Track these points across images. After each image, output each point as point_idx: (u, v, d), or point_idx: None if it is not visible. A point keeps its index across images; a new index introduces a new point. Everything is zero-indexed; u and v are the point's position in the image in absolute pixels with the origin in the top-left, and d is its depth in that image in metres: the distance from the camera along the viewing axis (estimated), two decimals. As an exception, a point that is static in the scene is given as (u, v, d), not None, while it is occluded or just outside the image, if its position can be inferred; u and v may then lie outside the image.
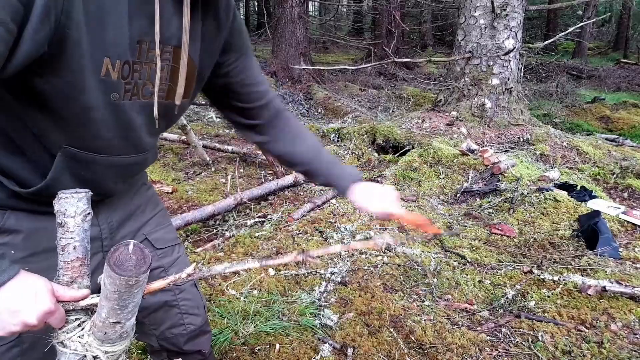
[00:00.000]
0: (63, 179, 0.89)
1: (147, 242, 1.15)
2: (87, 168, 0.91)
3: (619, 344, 1.93)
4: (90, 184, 0.93)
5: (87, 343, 0.76)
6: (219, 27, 1.00)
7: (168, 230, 1.24)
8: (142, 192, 1.18)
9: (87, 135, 0.86)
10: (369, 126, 5.09)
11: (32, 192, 0.87)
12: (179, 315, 1.23)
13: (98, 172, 0.93)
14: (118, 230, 1.08)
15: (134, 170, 1.05)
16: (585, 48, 14.14)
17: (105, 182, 0.97)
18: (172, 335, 1.24)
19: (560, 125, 6.46)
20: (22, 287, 0.73)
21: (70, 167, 0.88)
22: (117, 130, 0.89)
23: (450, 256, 2.71)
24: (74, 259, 0.76)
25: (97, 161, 0.91)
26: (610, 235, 2.77)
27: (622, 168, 3.89)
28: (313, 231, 2.98)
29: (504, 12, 4.91)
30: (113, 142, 0.90)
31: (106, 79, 0.80)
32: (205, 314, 1.32)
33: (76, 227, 0.75)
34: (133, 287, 0.71)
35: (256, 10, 23.08)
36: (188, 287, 1.26)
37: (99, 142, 0.88)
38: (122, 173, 0.99)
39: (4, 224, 0.88)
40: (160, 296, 1.18)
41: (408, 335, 2.01)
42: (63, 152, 0.86)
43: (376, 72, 10.18)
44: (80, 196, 0.75)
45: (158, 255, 1.18)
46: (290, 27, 8.53)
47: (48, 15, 0.68)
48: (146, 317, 1.20)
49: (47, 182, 0.87)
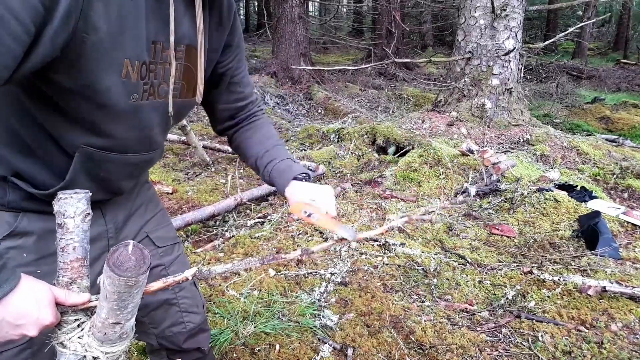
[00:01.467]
0: (79, 179, 0.90)
1: (149, 240, 1.16)
2: (103, 167, 0.92)
3: (619, 344, 1.93)
4: (103, 183, 0.95)
5: (87, 344, 0.76)
6: (222, 26, 1.03)
7: (168, 229, 1.25)
8: (144, 191, 1.19)
9: (106, 134, 0.87)
10: (369, 126, 5.09)
11: (50, 193, 0.87)
12: (178, 314, 1.24)
13: (112, 171, 0.95)
14: (122, 229, 1.09)
15: (145, 168, 1.08)
16: (585, 48, 14.14)
17: (117, 180, 0.99)
18: (172, 334, 1.25)
19: (560, 126, 6.46)
20: (24, 299, 0.72)
21: (87, 167, 0.90)
22: (134, 130, 0.91)
23: (450, 256, 2.71)
24: (74, 259, 0.76)
25: (112, 160, 0.92)
26: (610, 236, 2.77)
27: (622, 168, 3.89)
28: (313, 231, 2.98)
29: (504, 12, 4.91)
30: (130, 141, 0.92)
31: (127, 80, 0.82)
32: (204, 312, 1.33)
33: (75, 227, 0.75)
34: (132, 288, 0.71)
35: (256, 10, 23.08)
36: (188, 286, 1.27)
37: (117, 141, 0.90)
38: (133, 170, 1.02)
39: (17, 227, 0.88)
40: (161, 295, 1.19)
41: (408, 336, 2.01)
42: (80, 152, 0.87)
43: (376, 73, 10.18)
44: (79, 197, 0.75)
45: (159, 253, 1.19)
46: (290, 27, 8.53)
47: (69, 19, 0.68)
48: (146, 315, 1.20)
49: (66, 183, 0.88)
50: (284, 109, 7.41)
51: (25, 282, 0.73)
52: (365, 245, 2.80)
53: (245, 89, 1.19)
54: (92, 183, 0.93)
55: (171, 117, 0.96)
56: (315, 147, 5.13)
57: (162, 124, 0.98)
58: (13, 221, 0.88)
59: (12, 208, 0.88)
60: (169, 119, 0.98)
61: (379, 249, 2.76)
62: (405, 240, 2.87)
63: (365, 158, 4.69)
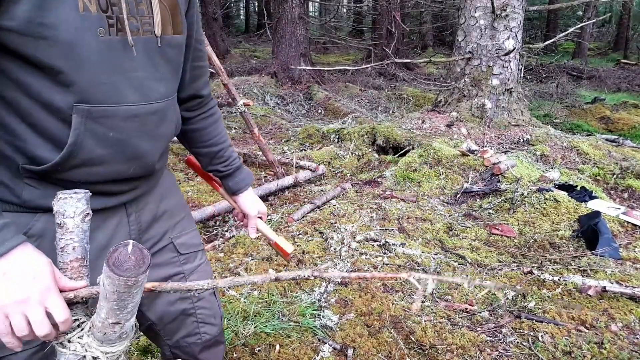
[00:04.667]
0: (87, 144, 0.85)
1: (172, 247, 1.14)
2: (108, 125, 0.86)
3: (619, 344, 1.93)
4: (119, 147, 0.89)
5: (87, 343, 0.76)
6: None
7: (193, 235, 1.21)
8: (171, 194, 1.16)
9: (89, 83, 0.82)
10: (369, 127, 5.09)
11: (56, 163, 0.83)
12: (194, 324, 1.21)
13: (121, 129, 0.88)
14: (146, 231, 1.07)
15: (157, 124, 0.97)
16: (586, 48, 14.13)
17: (134, 141, 0.92)
18: (187, 344, 1.22)
19: (560, 126, 6.45)
20: (24, 260, 0.73)
21: (91, 129, 0.85)
22: (116, 72, 0.85)
23: (450, 257, 2.70)
24: (73, 259, 0.76)
25: (114, 114, 0.87)
26: (610, 236, 2.77)
27: (622, 168, 3.89)
28: (313, 232, 2.98)
29: (504, 12, 4.91)
30: (119, 86, 0.86)
31: (86, 13, 0.78)
32: (221, 324, 1.29)
33: (75, 227, 0.75)
34: (132, 288, 0.70)
35: (256, 10, 23.08)
36: (207, 296, 1.23)
37: (105, 88, 0.84)
38: (145, 127, 0.93)
39: (31, 229, 0.87)
40: (179, 305, 1.17)
41: (408, 336, 2.01)
42: (77, 112, 0.82)
43: (376, 73, 10.18)
44: (79, 196, 0.75)
45: (181, 260, 1.16)
46: (290, 27, 8.53)
47: None
48: (162, 329, 1.18)
49: (70, 149, 0.84)
50: (284, 109, 7.41)
51: (28, 247, 0.74)
52: (365, 246, 2.80)
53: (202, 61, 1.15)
54: (104, 148, 0.87)
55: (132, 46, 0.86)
56: (315, 147, 5.13)
57: (148, 67, 0.91)
58: (28, 222, 0.86)
59: (29, 208, 0.87)
60: (157, 62, 0.92)
61: (379, 249, 2.76)
62: (405, 240, 2.87)
63: (365, 158, 4.69)
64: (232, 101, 3.78)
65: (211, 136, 1.23)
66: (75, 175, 0.88)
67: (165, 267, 1.13)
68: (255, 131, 3.83)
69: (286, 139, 5.56)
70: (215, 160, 1.26)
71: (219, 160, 1.26)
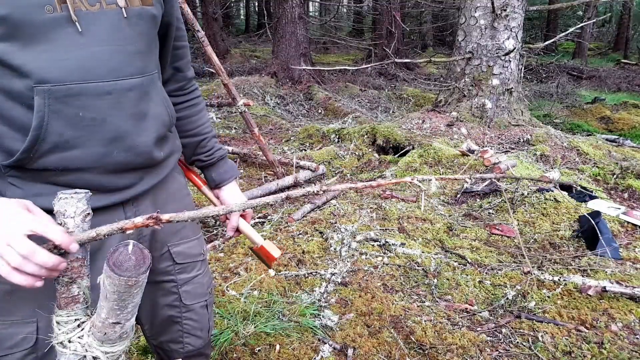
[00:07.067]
0: (54, 126, 0.81)
1: (168, 255, 1.12)
2: (76, 105, 0.82)
3: (619, 344, 1.93)
4: (94, 127, 0.85)
5: (87, 343, 0.76)
6: None
7: (193, 244, 1.18)
8: (176, 200, 1.13)
9: (45, 62, 0.78)
10: (369, 127, 5.09)
11: (25, 150, 0.81)
12: (179, 333, 1.20)
13: (93, 107, 0.84)
14: (143, 237, 1.05)
15: (136, 101, 0.91)
16: (586, 48, 14.13)
17: (112, 120, 0.87)
18: (169, 349, 1.22)
19: (560, 126, 6.45)
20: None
21: (56, 109, 0.80)
22: (72, 48, 0.80)
23: (450, 257, 2.71)
24: (73, 259, 0.76)
25: (81, 92, 0.82)
26: (610, 236, 2.76)
27: (622, 168, 3.89)
28: (313, 232, 2.98)
29: (504, 12, 4.91)
30: (81, 63, 0.81)
31: None
32: (207, 337, 1.27)
33: (75, 227, 0.75)
34: (132, 288, 0.71)
35: (256, 10, 23.07)
36: (197, 308, 1.21)
37: (63, 65, 0.80)
38: (122, 105, 0.88)
39: None
40: (167, 310, 1.16)
41: (408, 336, 2.01)
42: (38, 93, 0.78)
43: (376, 73, 10.17)
44: (79, 197, 0.75)
45: (176, 269, 1.14)
46: (290, 27, 8.53)
47: None
48: (148, 329, 1.18)
49: (36, 133, 0.80)
50: (284, 109, 7.41)
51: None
52: (365, 246, 2.80)
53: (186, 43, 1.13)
54: (79, 130, 0.83)
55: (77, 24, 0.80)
56: (315, 147, 5.13)
57: (114, 40, 0.85)
58: None
59: None
60: (127, 35, 0.87)
61: (379, 249, 2.76)
62: (405, 240, 2.87)
63: (365, 158, 4.69)
64: (232, 101, 3.78)
65: (195, 125, 1.20)
66: (52, 162, 0.84)
67: (157, 275, 1.12)
68: (256, 131, 3.83)
69: (286, 139, 5.56)
70: (198, 149, 1.22)
71: (201, 150, 1.22)
